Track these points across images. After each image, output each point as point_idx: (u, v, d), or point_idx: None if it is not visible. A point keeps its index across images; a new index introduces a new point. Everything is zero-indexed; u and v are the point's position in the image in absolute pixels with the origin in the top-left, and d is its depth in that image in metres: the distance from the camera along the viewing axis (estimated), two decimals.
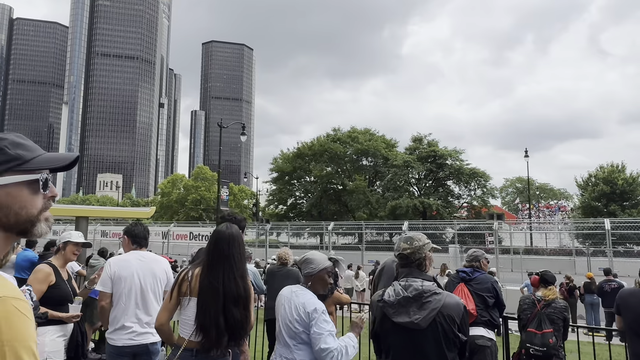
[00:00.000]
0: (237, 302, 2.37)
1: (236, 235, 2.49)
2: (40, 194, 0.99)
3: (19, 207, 0.95)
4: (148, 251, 3.47)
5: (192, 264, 2.67)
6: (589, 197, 34.87)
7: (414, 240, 2.33)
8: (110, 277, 3.16)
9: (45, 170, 1.00)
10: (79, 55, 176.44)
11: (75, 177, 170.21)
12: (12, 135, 1.03)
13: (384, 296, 2.16)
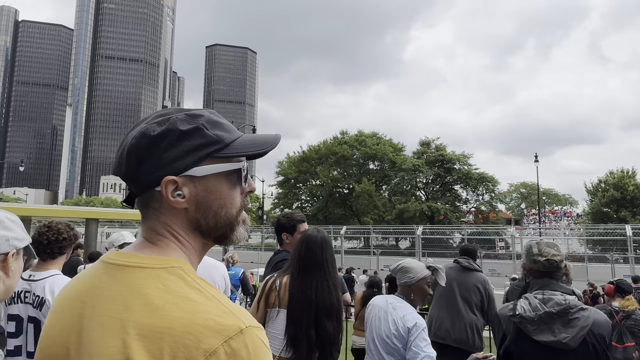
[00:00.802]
0: (330, 314, 2.16)
1: (328, 240, 2.30)
2: (238, 189, 0.81)
3: (218, 206, 0.78)
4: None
5: (279, 272, 2.46)
6: (599, 202, 34.59)
7: (556, 245, 2.11)
8: None
9: (245, 156, 0.81)
10: (84, 57, 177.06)
11: (78, 178, 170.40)
12: (206, 111, 0.82)
13: (517, 310, 1.95)
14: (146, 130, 0.75)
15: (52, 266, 2.41)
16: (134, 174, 0.76)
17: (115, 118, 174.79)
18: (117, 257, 0.76)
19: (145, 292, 0.69)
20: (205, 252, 0.83)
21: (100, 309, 0.70)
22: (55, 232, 2.39)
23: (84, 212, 19.48)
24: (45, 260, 2.40)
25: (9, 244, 1.22)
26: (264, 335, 0.69)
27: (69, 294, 0.79)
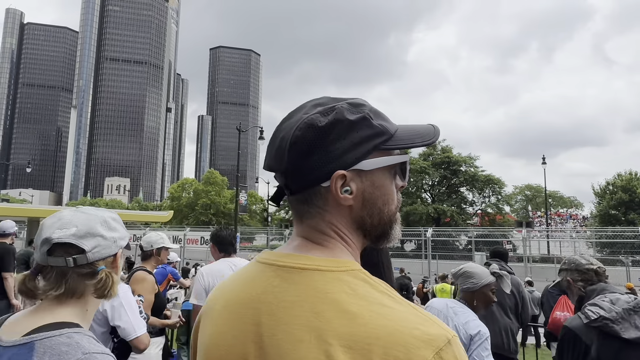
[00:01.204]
0: None
1: None
2: (394, 183, 0.76)
3: (383, 203, 0.73)
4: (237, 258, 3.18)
5: None
6: (607, 205, 34.34)
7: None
8: (204, 288, 2.88)
9: (410, 148, 0.74)
10: (88, 59, 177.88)
11: (82, 180, 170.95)
12: (362, 100, 0.76)
13: (593, 315, 1.84)
14: (312, 121, 0.69)
15: None
16: (299, 168, 0.70)
17: (120, 120, 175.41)
18: (284, 258, 0.71)
19: (334, 297, 0.63)
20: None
21: (283, 317, 0.64)
22: None
23: None
24: None
25: (117, 245, 1.17)
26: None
27: (232, 299, 0.73)
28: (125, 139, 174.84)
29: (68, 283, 1.07)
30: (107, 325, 2.17)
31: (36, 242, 1.10)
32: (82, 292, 1.10)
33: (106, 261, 1.13)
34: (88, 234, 1.10)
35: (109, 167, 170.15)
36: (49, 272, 1.07)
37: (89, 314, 1.12)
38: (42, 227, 1.11)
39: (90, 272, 1.10)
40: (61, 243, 1.07)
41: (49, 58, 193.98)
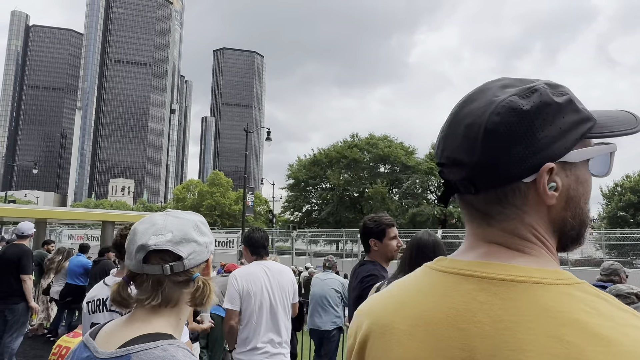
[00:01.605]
0: None
1: (441, 244, 2.10)
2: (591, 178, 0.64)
3: (584, 201, 0.62)
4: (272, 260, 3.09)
5: (384, 281, 2.25)
6: (615, 206, 34.07)
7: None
8: (238, 292, 2.77)
9: (615, 136, 0.63)
10: (93, 61, 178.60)
11: (86, 181, 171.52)
12: (552, 81, 0.65)
13: None
14: (514, 104, 0.58)
15: None
16: (496, 160, 0.58)
17: (124, 121, 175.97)
18: (483, 268, 0.59)
19: (574, 317, 0.51)
20: None
21: (508, 341, 0.51)
22: None
23: (100, 214, 19.44)
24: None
25: (208, 250, 1.11)
26: None
27: (424, 317, 0.60)
28: (129, 141, 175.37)
29: (164, 292, 1.01)
30: None
31: (129, 249, 1.04)
32: (177, 301, 1.04)
33: (199, 267, 1.07)
34: (183, 240, 1.04)
35: (113, 169, 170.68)
36: (144, 281, 1.02)
37: (181, 323, 1.07)
38: (135, 232, 1.05)
39: (185, 280, 1.04)
40: (157, 250, 1.01)
41: (54, 60, 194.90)
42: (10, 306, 4.97)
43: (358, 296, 2.45)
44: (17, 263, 5.00)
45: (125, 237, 2.22)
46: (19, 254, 5.02)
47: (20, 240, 5.23)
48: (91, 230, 29.20)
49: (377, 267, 2.51)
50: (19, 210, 18.36)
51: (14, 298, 4.98)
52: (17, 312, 4.98)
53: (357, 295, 2.47)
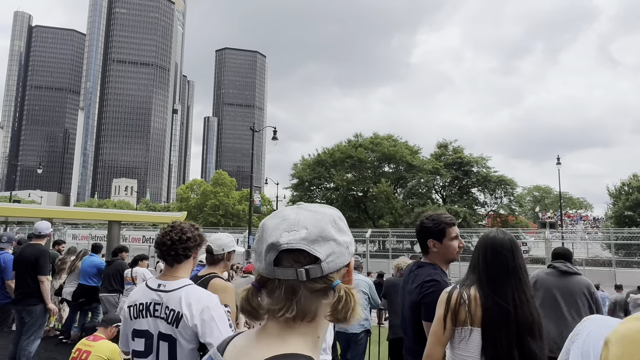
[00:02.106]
0: (532, 331, 1.80)
1: (517, 242, 1.94)
2: None
3: None
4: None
5: (456, 283, 2.07)
6: (623, 206, 33.82)
7: None
8: None
9: None
10: (96, 62, 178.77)
11: (89, 181, 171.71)
12: None
13: None
14: None
15: (181, 273, 2.09)
16: None
17: (127, 122, 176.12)
18: None
19: None
20: None
21: None
22: (179, 232, 2.08)
23: (107, 214, 19.31)
24: (172, 266, 2.09)
25: (349, 252, 0.91)
26: None
27: None
28: (132, 141, 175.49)
29: (299, 302, 0.83)
30: (196, 342, 1.93)
31: (258, 248, 0.88)
32: (315, 314, 0.85)
33: (339, 273, 0.88)
34: (320, 238, 0.85)
35: (116, 169, 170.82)
36: (276, 287, 0.84)
37: (320, 342, 0.88)
38: (265, 229, 0.88)
39: (323, 288, 0.84)
40: (290, 250, 0.83)
41: (57, 60, 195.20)
42: (28, 307, 4.83)
43: (416, 302, 2.27)
44: (34, 263, 4.86)
45: (168, 236, 2.06)
46: (36, 254, 4.88)
47: (37, 240, 5.08)
48: (96, 230, 29.07)
49: (438, 270, 2.34)
50: (25, 210, 18.23)
51: (32, 299, 4.83)
52: (35, 313, 4.84)
53: (414, 300, 2.29)
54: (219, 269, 2.88)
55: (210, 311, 1.93)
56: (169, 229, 2.11)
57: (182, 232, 2.08)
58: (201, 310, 1.92)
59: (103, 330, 4.21)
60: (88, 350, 3.99)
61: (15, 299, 4.89)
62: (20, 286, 4.87)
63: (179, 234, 2.07)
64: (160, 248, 2.07)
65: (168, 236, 2.06)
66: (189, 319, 1.89)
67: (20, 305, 4.86)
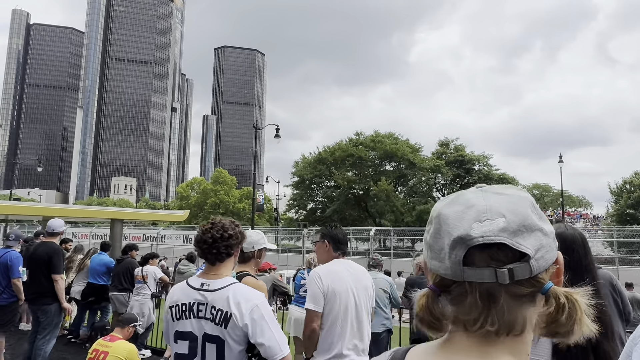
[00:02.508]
0: (605, 331, 1.72)
1: (586, 238, 1.86)
2: None
3: None
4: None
5: None
6: (625, 204, 33.81)
7: None
8: (322, 292, 2.51)
9: None
10: (94, 60, 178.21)
11: (88, 180, 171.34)
12: None
13: None
14: None
15: (224, 271, 1.99)
16: None
17: (125, 120, 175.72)
18: None
19: None
20: None
21: None
22: (220, 229, 1.99)
23: (109, 212, 19.19)
24: (214, 264, 1.99)
25: (556, 244, 0.71)
26: None
27: None
28: (130, 139, 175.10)
29: (501, 311, 0.64)
30: (245, 342, 1.84)
31: (436, 244, 0.68)
32: (523, 325, 0.66)
33: (548, 272, 0.67)
34: (523, 228, 0.65)
35: (115, 167, 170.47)
36: (466, 293, 0.65)
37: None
38: (444, 219, 0.69)
39: (531, 293, 0.65)
40: (485, 245, 0.64)
41: (55, 58, 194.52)
42: (43, 307, 4.73)
43: None
44: (47, 262, 4.76)
45: (209, 233, 1.95)
46: (49, 253, 4.78)
47: (49, 237, 4.98)
48: (96, 228, 28.91)
49: None
50: (26, 208, 18.09)
51: (46, 299, 4.74)
52: (50, 313, 4.74)
53: None
54: (249, 267, 2.78)
55: (260, 310, 1.84)
56: (209, 226, 2.01)
57: (223, 229, 1.99)
58: (251, 309, 1.82)
59: (120, 330, 4.11)
60: (105, 351, 3.90)
61: (30, 299, 4.80)
62: (33, 285, 4.77)
63: (220, 232, 1.97)
64: (201, 246, 1.98)
65: (209, 234, 1.96)
66: (239, 319, 1.80)
67: (35, 305, 4.76)
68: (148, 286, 6.31)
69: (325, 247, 2.72)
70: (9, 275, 5.04)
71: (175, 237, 28.15)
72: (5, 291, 5.03)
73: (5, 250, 5.19)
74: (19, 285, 5.03)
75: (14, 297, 5.07)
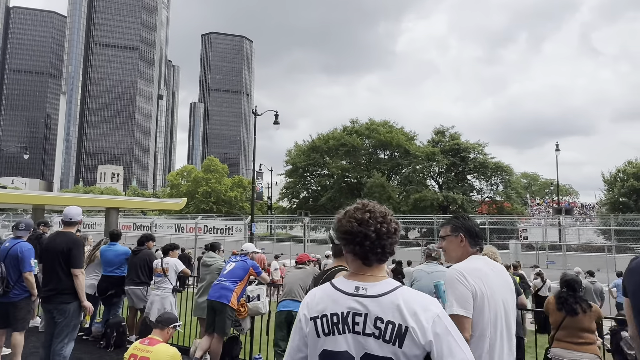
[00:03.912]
0: None
1: None
2: None
3: None
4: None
5: None
6: (618, 192, 34.00)
7: None
8: (472, 293, 2.00)
9: None
10: (77, 45, 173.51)
11: (73, 168, 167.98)
12: None
13: None
14: None
15: (382, 272, 1.50)
16: None
17: (111, 107, 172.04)
18: None
19: None
20: None
21: None
22: (382, 220, 1.46)
23: (105, 200, 18.42)
24: (371, 265, 1.46)
25: None
26: None
27: None
28: (116, 127, 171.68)
29: None
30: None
31: None
32: None
33: None
34: None
35: (101, 155, 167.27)
36: None
37: None
38: None
39: None
40: None
41: (36, 43, 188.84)
42: (60, 306, 4.18)
43: None
44: (66, 254, 4.20)
45: (371, 226, 1.44)
46: (68, 244, 4.23)
47: (67, 227, 4.42)
48: (86, 217, 28.05)
49: None
50: (15, 196, 17.12)
51: (64, 296, 4.19)
52: (69, 313, 4.20)
53: None
54: (344, 261, 2.29)
55: (442, 321, 1.36)
56: (365, 214, 1.47)
57: (385, 220, 1.47)
58: (433, 321, 1.35)
59: (159, 332, 3.62)
60: (145, 356, 3.42)
61: (46, 296, 4.25)
62: (50, 281, 4.22)
63: (385, 224, 1.46)
64: (362, 242, 1.44)
65: (371, 227, 1.45)
66: (419, 335, 1.31)
67: (52, 304, 4.21)
68: (169, 279, 5.80)
69: (460, 242, 2.21)
70: (19, 268, 4.49)
71: (167, 225, 27.49)
72: (16, 286, 4.49)
73: (16, 241, 4.62)
74: (32, 279, 4.49)
75: (26, 292, 4.54)
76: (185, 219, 28.41)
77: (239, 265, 5.27)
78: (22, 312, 4.56)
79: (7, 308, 4.49)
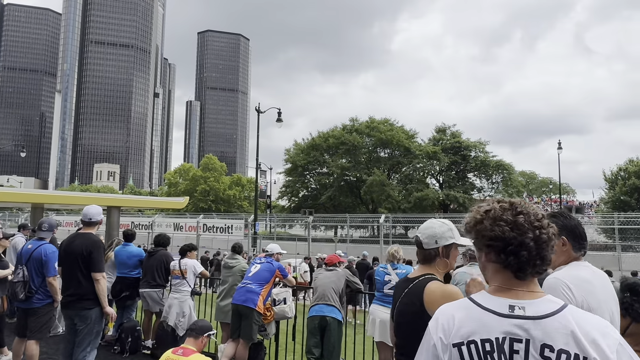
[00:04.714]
0: None
1: None
2: None
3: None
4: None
5: None
6: (620, 191, 33.92)
7: None
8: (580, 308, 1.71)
9: None
10: (72, 42, 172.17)
11: (68, 167, 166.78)
12: None
13: None
14: None
15: (538, 287, 1.21)
16: None
17: (106, 105, 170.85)
18: None
19: None
20: None
21: None
22: (539, 226, 1.18)
23: (106, 199, 18.02)
24: (525, 279, 1.19)
25: None
26: None
27: None
28: (112, 125, 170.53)
29: None
30: None
31: None
32: None
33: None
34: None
35: (96, 153, 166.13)
36: None
37: None
38: None
39: None
40: None
41: (31, 41, 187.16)
42: (81, 312, 3.90)
43: None
44: (87, 257, 3.92)
45: (529, 233, 1.14)
46: (88, 247, 3.94)
47: (87, 228, 4.13)
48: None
49: None
50: (14, 194, 16.70)
51: (85, 302, 3.91)
52: (90, 319, 3.92)
53: None
54: (434, 269, 2.02)
55: (625, 350, 1.09)
56: (519, 217, 1.18)
57: (542, 225, 1.18)
58: (616, 350, 1.08)
59: (193, 341, 3.35)
60: None
61: (66, 302, 3.97)
62: (70, 286, 3.94)
63: (545, 231, 1.18)
64: (517, 252, 1.16)
65: (529, 233, 1.16)
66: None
67: (72, 310, 3.93)
68: (187, 282, 5.52)
69: (562, 246, 1.90)
70: (43, 272, 4.21)
71: (166, 224, 27.17)
72: (39, 291, 4.20)
73: (39, 243, 4.33)
74: (56, 285, 4.20)
75: (49, 297, 4.25)
76: (184, 218, 28.07)
77: (264, 267, 5.00)
78: (42, 319, 4.28)
79: (28, 314, 4.22)
